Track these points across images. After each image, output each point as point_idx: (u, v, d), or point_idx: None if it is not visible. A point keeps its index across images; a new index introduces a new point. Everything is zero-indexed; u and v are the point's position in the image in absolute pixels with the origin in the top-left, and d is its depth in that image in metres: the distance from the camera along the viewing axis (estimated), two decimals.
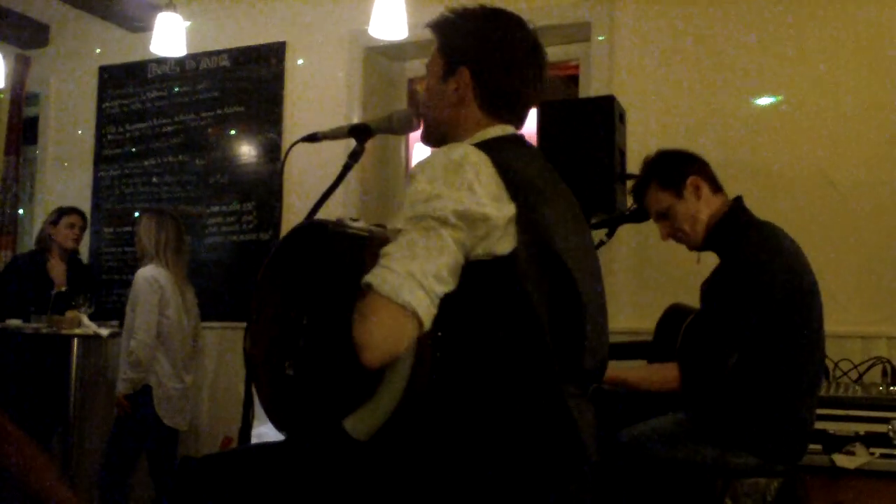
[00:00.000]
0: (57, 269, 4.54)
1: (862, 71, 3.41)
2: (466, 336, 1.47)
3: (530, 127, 2.34)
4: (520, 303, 1.46)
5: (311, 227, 1.66)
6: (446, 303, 1.40)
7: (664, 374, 2.41)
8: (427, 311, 1.35)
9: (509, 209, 1.45)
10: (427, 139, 1.78)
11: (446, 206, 1.39)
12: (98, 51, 5.14)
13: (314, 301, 1.55)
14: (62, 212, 4.61)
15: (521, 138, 1.71)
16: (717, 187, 2.58)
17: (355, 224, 1.59)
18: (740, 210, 2.55)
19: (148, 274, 3.93)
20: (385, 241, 1.45)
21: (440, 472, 1.46)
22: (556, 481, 1.48)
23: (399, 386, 1.40)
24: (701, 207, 2.54)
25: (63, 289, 4.47)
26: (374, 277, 1.35)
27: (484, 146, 1.52)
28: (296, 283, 1.62)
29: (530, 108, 1.75)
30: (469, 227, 1.41)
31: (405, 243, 1.38)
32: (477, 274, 1.44)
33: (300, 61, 4.52)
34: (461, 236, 1.40)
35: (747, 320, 2.33)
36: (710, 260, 2.55)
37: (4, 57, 4.88)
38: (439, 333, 1.43)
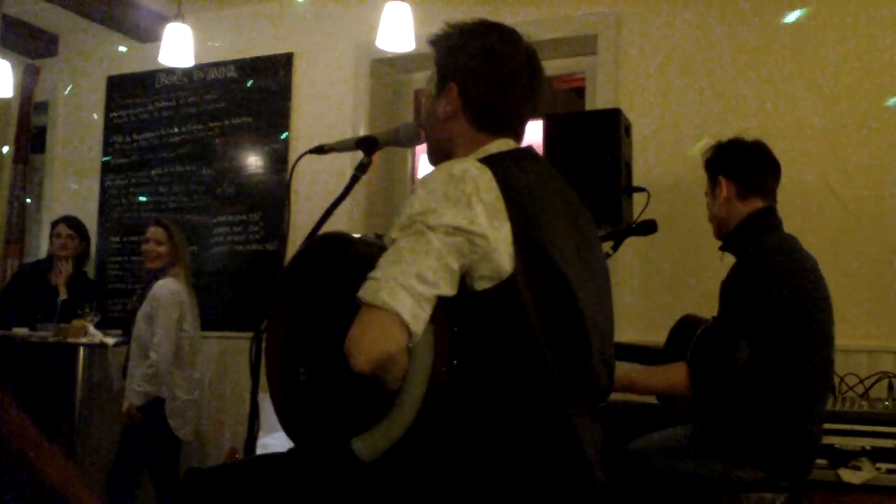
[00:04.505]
0: (59, 278, 4.55)
1: (866, 83, 3.41)
2: (478, 364, 1.46)
3: (536, 140, 2.34)
4: (522, 327, 1.45)
5: (333, 237, 1.67)
6: (459, 331, 1.40)
7: (672, 374, 2.39)
8: (412, 312, 1.35)
9: (506, 228, 1.45)
10: (429, 156, 1.77)
11: (440, 219, 1.40)
12: (106, 61, 5.17)
13: (331, 310, 1.56)
14: (54, 222, 4.68)
15: (525, 151, 1.68)
16: (747, 192, 2.58)
17: (378, 241, 1.59)
18: (764, 217, 2.55)
19: (172, 288, 3.97)
20: None
21: (445, 495, 1.46)
22: (562, 502, 1.48)
23: (411, 412, 1.39)
24: (720, 207, 2.60)
25: (65, 297, 4.49)
26: (361, 290, 1.38)
27: (486, 161, 1.51)
28: (314, 290, 1.62)
29: (525, 121, 1.72)
30: (466, 237, 1.40)
31: (392, 251, 1.40)
32: (486, 302, 1.44)
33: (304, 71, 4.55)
34: (455, 241, 1.40)
35: (757, 318, 2.32)
36: (721, 269, 2.55)
37: (14, 66, 4.91)
38: (455, 362, 1.43)
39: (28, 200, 5.32)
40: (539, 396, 1.47)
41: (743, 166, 2.60)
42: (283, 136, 4.54)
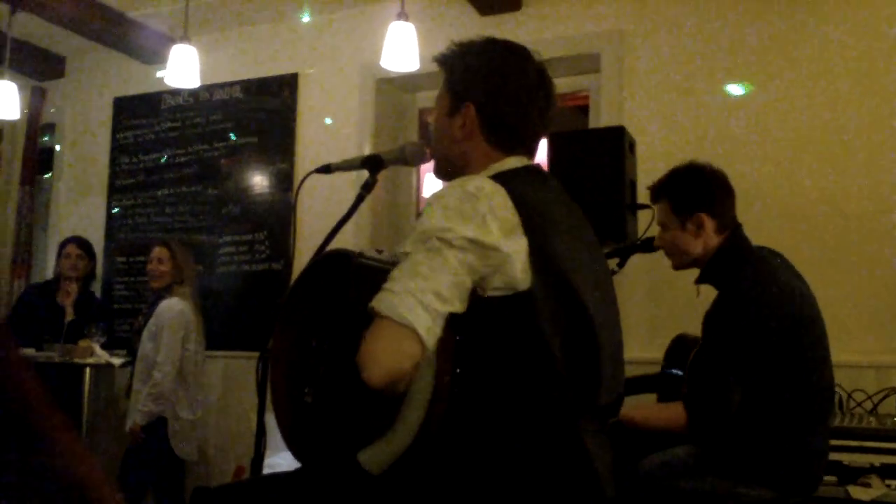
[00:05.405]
0: (67, 299, 4.57)
1: (868, 100, 3.42)
2: (483, 373, 1.46)
3: (540, 158, 2.34)
4: (535, 340, 1.45)
5: (336, 256, 1.67)
6: (465, 340, 1.40)
7: (670, 414, 2.39)
8: (427, 327, 1.34)
9: (522, 243, 1.45)
10: (438, 173, 1.79)
11: (454, 233, 1.40)
12: (113, 82, 5.21)
13: (335, 330, 1.56)
14: (63, 243, 4.72)
15: (537, 169, 1.70)
16: (724, 225, 2.54)
17: (379, 256, 1.60)
18: (736, 243, 2.52)
19: (177, 307, 3.99)
20: None
21: None
22: None
23: (415, 421, 1.39)
24: (697, 244, 2.53)
25: (72, 317, 4.50)
26: (375, 301, 1.36)
27: (500, 178, 1.52)
28: (318, 310, 1.62)
29: (540, 138, 1.74)
30: (479, 253, 1.40)
31: (407, 264, 1.39)
32: (494, 310, 1.44)
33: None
34: (469, 258, 1.40)
35: (745, 356, 2.31)
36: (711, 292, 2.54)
37: (21, 88, 4.93)
38: (458, 371, 1.43)
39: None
40: (549, 409, 1.47)
41: (721, 202, 2.55)
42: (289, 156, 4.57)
